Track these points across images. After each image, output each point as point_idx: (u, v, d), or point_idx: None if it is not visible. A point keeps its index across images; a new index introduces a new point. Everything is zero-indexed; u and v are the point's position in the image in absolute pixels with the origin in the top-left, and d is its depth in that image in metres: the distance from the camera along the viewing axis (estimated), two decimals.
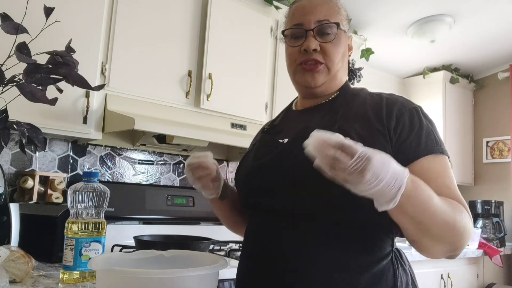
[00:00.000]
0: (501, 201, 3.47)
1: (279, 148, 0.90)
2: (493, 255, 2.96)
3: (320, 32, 0.91)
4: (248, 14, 2.32)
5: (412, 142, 0.82)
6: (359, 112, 0.87)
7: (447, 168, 0.83)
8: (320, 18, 0.91)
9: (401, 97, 0.91)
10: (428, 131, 0.85)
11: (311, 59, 0.91)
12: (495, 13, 2.84)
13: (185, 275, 0.71)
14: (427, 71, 3.61)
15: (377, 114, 0.85)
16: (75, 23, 1.75)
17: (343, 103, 0.91)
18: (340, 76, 0.96)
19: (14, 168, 1.88)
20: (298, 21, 0.93)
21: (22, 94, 1.20)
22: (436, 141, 0.84)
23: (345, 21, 0.95)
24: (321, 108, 0.95)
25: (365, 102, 0.90)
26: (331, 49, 0.91)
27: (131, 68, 1.90)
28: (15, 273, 1.11)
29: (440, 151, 0.83)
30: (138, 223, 2.15)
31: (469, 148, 3.79)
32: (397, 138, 0.83)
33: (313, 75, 0.91)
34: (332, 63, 0.91)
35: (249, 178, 0.94)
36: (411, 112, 0.86)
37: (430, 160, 0.81)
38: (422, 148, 0.82)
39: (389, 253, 0.84)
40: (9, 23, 1.22)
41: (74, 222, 1.11)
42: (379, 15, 2.84)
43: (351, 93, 0.95)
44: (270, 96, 2.41)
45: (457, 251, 0.77)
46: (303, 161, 0.79)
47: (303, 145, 0.64)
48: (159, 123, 1.87)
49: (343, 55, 0.94)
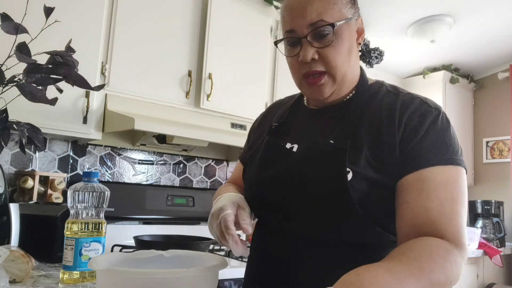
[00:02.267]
0: (501, 201, 3.47)
1: (286, 162, 0.83)
2: (493, 255, 2.96)
3: (315, 37, 0.80)
4: (248, 14, 2.32)
5: (414, 150, 0.75)
6: (374, 122, 0.80)
7: (453, 181, 0.73)
8: (312, 20, 0.79)
9: (418, 98, 0.82)
10: (439, 138, 0.76)
11: (311, 72, 0.81)
12: (495, 13, 2.84)
13: (185, 275, 0.71)
14: (427, 71, 3.61)
15: (390, 123, 0.78)
16: (75, 23, 1.75)
17: (359, 107, 0.83)
18: (351, 74, 0.85)
19: (14, 168, 1.88)
20: (290, 27, 0.82)
21: (22, 94, 1.20)
22: (447, 150, 0.75)
23: (346, 7, 0.82)
24: (334, 111, 0.87)
25: (380, 107, 0.81)
26: (331, 54, 0.80)
27: (131, 68, 1.90)
28: (15, 273, 1.11)
29: (449, 161, 0.74)
30: (138, 223, 2.15)
31: (469, 148, 3.79)
32: (405, 147, 0.76)
33: (318, 89, 0.83)
34: (336, 69, 0.81)
35: (254, 190, 0.89)
36: (422, 117, 0.77)
37: (432, 171, 0.73)
38: (422, 158, 0.74)
39: None
40: (9, 23, 1.22)
41: (74, 222, 1.11)
42: (379, 15, 2.84)
43: (368, 94, 0.85)
44: (270, 96, 2.41)
45: (452, 283, 0.68)
46: (309, 181, 0.78)
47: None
48: (159, 123, 1.87)
49: (349, 51, 0.82)
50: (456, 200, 0.72)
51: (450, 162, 0.74)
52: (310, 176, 0.79)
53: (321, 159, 0.79)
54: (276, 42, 0.87)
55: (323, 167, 0.78)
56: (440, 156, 0.74)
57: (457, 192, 0.73)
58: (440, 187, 0.72)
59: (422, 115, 0.77)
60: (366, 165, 0.76)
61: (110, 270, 0.74)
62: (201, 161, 2.50)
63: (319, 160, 0.79)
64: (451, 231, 0.70)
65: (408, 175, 0.74)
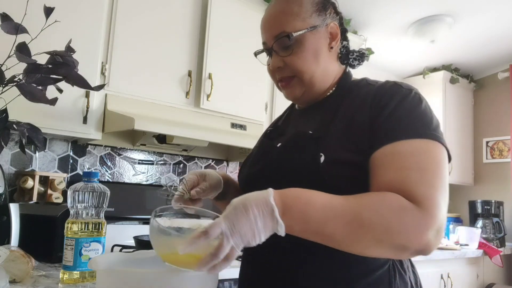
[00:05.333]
0: (501, 201, 3.47)
1: (270, 156, 0.90)
2: (493, 255, 2.96)
3: (279, 48, 0.88)
4: (248, 14, 2.31)
5: (383, 126, 0.76)
6: (349, 109, 0.84)
7: (422, 152, 0.72)
8: (275, 33, 0.87)
9: (393, 82, 0.84)
10: (407, 113, 0.76)
11: (282, 78, 0.91)
12: (495, 13, 2.84)
13: (185, 275, 0.71)
14: (427, 71, 3.61)
15: (363, 107, 0.81)
16: (75, 23, 1.75)
17: (337, 101, 0.88)
18: (322, 75, 0.90)
19: (14, 168, 1.88)
20: (263, 39, 0.93)
21: (22, 94, 1.20)
22: (415, 124, 0.75)
23: (310, 17, 0.88)
24: (316, 108, 0.93)
25: (357, 96, 0.85)
26: (294, 61, 0.87)
27: (131, 68, 1.90)
28: (15, 273, 1.11)
29: (418, 135, 0.74)
30: (138, 223, 2.15)
31: (469, 148, 3.79)
32: (374, 124, 0.78)
33: (290, 90, 0.92)
34: (302, 73, 0.88)
35: (245, 185, 0.95)
36: (392, 96, 0.79)
37: (399, 145, 0.73)
38: (390, 134, 0.75)
39: (385, 263, 0.80)
40: (9, 23, 1.22)
41: (74, 222, 1.11)
42: (379, 15, 2.84)
43: (348, 88, 0.90)
44: (270, 96, 2.41)
45: (406, 250, 0.67)
46: (287, 171, 0.82)
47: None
48: (159, 123, 1.87)
49: (315, 55, 0.88)
50: (425, 170, 0.71)
51: (419, 136, 0.74)
52: (288, 166, 0.83)
53: (297, 149, 0.84)
54: (255, 53, 0.98)
55: (298, 155, 0.82)
56: (409, 130, 0.75)
57: (426, 162, 0.72)
58: (407, 158, 0.72)
59: (391, 94, 0.80)
60: (339, 148, 0.79)
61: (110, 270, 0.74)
62: (201, 161, 2.50)
63: (296, 150, 0.84)
64: (417, 197, 0.68)
65: (377, 150, 0.75)
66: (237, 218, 0.65)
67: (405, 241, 0.66)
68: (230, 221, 0.65)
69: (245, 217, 0.65)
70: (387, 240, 0.66)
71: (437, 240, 0.67)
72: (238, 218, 0.65)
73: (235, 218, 0.65)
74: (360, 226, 0.66)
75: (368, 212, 0.66)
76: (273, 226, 0.66)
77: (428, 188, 0.69)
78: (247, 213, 0.65)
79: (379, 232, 0.66)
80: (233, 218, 0.65)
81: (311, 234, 0.68)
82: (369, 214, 0.66)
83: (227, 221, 0.65)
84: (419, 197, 0.67)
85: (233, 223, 0.64)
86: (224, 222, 0.64)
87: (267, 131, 1.03)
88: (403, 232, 0.66)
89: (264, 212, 0.66)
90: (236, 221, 0.64)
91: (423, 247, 0.66)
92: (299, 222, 0.67)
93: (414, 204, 0.67)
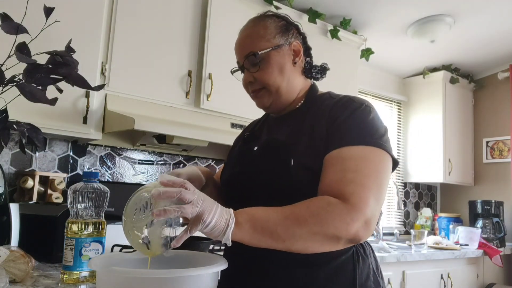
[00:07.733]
0: (501, 201, 3.47)
1: (248, 158, 1.02)
2: (493, 255, 2.96)
3: (249, 65, 1.01)
4: (248, 14, 2.29)
5: (332, 135, 0.89)
6: (313, 121, 0.96)
7: (363, 157, 0.85)
8: (245, 53, 1.02)
9: (348, 96, 0.97)
10: (355, 124, 0.89)
11: (253, 90, 1.04)
12: (495, 13, 2.84)
13: (185, 275, 0.71)
14: (427, 71, 3.61)
15: (321, 119, 0.94)
16: (75, 23, 1.75)
17: (304, 112, 1.01)
18: (288, 87, 1.02)
19: (14, 168, 1.88)
20: (236, 59, 1.08)
21: (22, 94, 1.20)
22: (360, 133, 0.88)
23: (274, 38, 1.01)
24: (287, 117, 1.05)
25: (319, 109, 0.98)
26: (261, 75, 1.00)
27: (131, 68, 1.90)
28: (15, 273, 1.11)
29: (361, 142, 0.86)
30: None
31: (469, 148, 3.79)
32: (327, 133, 0.91)
33: (259, 100, 1.04)
34: (269, 85, 1.00)
35: (225, 187, 1.06)
36: (344, 108, 0.93)
37: (343, 150, 0.86)
38: (337, 141, 0.88)
39: (349, 249, 0.90)
40: (9, 23, 1.22)
41: (74, 222, 1.11)
42: (379, 15, 2.84)
43: (313, 101, 1.03)
44: None
45: (339, 240, 0.80)
46: (261, 172, 0.95)
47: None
48: (159, 123, 1.87)
49: (280, 70, 1.00)
50: (360, 171, 0.83)
51: (364, 143, 0.86)
52: (263, 168, 0.95)
53: (271, 153, 0.96)
54: (231, 71, 1.12)
55: (272, 159, 0.94)
56: (355, 138, 0.87)
57: (363, 166, 0.84)
58: (347, 162, 0.84)
59: (345, 107, 0.93)
60: (305, 155, 0.91)
61: (110, 270, 0.74)
62: (201, 161, 2.50)
63: (270, 154, 0.96)
64: (346, 195, 0.80)
65: (327, 155, 0.88)
66: (207, 198, 0.77)
67: (335, 231, 0.78)
68: (203, 195, 0.78)
69: (212, 202, 0.77)
70: (320, 231, 0.78)
71: (366, 231, 0.80)
72: (207, 198, 0.77)
73: (206, 197, 0.78)
74: (296, 219, 0.78)
75: (300, 209, 0.80)
76: (227, 216, 0.77)
77: (357, 186, 0.81)
78: (215, 203, 0.78)
79: (312, 224, 0.78)
80: (205, 197, 0.77)
81: (259, 233, 0.79)
82: (301, 210, 0.80)
83: (201, 194, 0.77)
84: (347, 194, 0.80)
85: (203, 198, 0.76)
86: (199, 193, 0.77)
87: (245, 135, 1.14)
88: (331, 223, 0.78)
89: (224, 208, 0.79)
90: (206, 199, 0.77)
91: (352, 236, 0.79)
92: (248, 220, 0.79)
93: (340, 200, 0.80)
